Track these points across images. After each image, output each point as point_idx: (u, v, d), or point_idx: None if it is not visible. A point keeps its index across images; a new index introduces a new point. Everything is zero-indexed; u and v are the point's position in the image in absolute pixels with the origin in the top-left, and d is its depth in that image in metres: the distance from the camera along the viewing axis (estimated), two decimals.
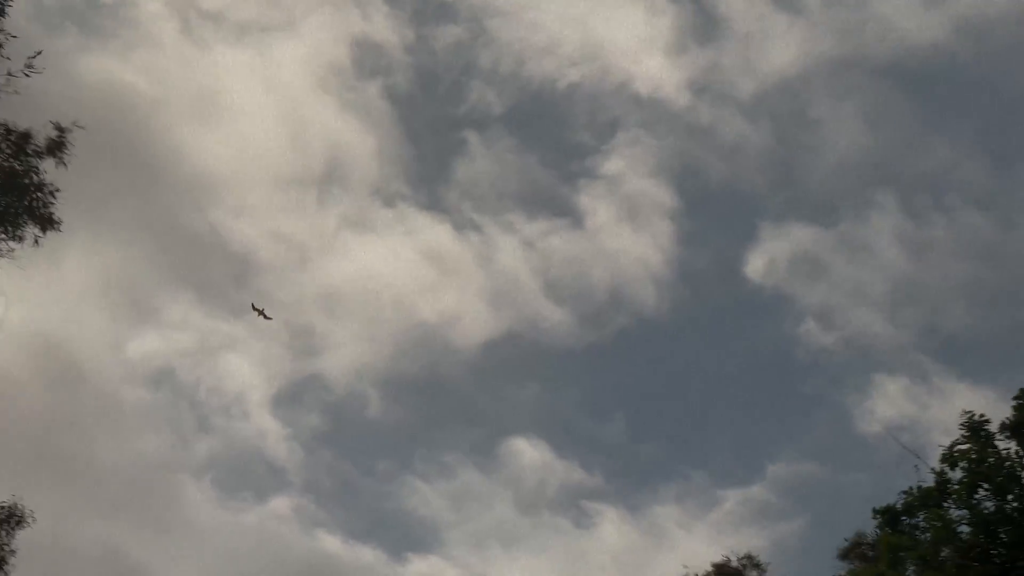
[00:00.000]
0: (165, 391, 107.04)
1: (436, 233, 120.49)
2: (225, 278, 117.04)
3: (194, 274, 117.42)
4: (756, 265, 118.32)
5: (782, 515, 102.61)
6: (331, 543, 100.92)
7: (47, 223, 31.40)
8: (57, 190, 31.36)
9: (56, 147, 31.49)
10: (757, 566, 46.71)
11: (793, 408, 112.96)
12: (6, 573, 29.36)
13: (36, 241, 31.29)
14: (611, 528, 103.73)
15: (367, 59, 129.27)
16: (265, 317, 50.68)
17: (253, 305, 51.73)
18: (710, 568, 46.12)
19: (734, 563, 45.87)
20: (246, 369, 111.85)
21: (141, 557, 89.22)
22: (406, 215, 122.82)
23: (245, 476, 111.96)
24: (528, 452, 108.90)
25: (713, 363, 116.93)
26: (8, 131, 31.02)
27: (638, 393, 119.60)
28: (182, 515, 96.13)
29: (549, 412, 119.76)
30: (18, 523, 29.65)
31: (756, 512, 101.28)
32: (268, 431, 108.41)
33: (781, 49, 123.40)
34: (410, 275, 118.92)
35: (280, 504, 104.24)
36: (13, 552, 29.56)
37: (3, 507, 29.78)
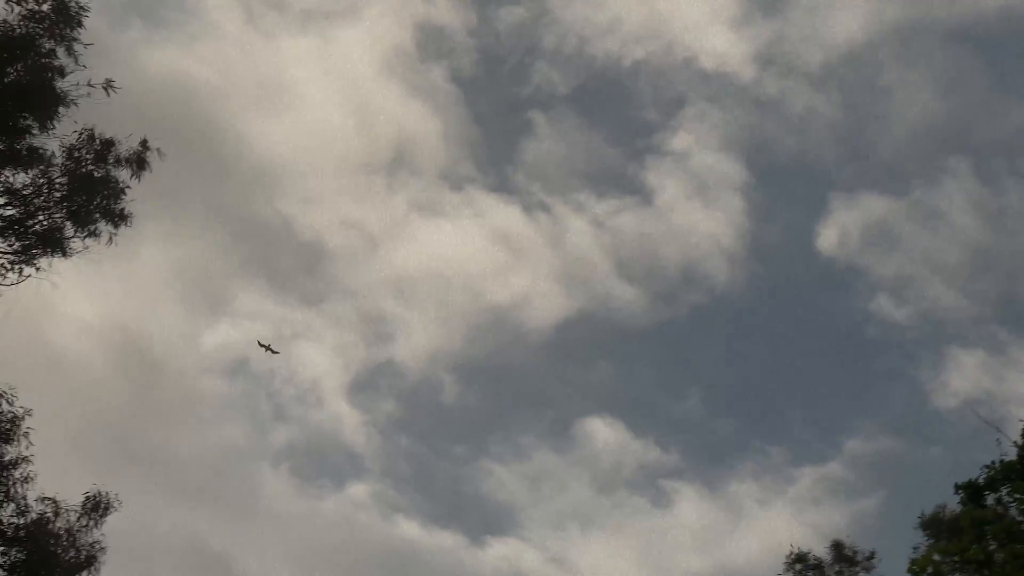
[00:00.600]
0: (241, 381, 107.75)
1: (505, 215, 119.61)
2: (296, 267, 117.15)
3: (265, 264, 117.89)
4: (828, 237, 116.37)
5: (860, 491, 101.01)
6: (410, 528, 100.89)
7: (119, 219, 31.85)
8: (128, 187, 31.89)
9: (138, 162, 31.98)
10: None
11: (868, 382, 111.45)
12: (97, 561, 29.79)
13: (111, 239, 31.79)
14: (689, 506, 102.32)
15: (431, 43, 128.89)
16: (272, 352, 50.94)
17: (259, 342, 51.76)
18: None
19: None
20: (320, 357, 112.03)
21: (223, 545, 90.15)
22: (474, 198, 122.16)
23: (322, 463, 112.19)
24: (603, 432, 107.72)
25: (786, 338, 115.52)
26: (92, 137, 31.54)
27: (712, 370, 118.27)
28: (261, 503, 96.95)
29: (623, 391, 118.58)
30: (104, 511, 30.08)
31: (834, 489, 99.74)
32: (344, 418, 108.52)
33: (848, 17, 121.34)
34: (480, 258, 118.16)
35: (358, 490, 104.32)
36: (103, 546, 29.99)
37: (89, 496, 30.21)
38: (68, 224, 31.32)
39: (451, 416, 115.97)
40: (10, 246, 31.08)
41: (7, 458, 29.46)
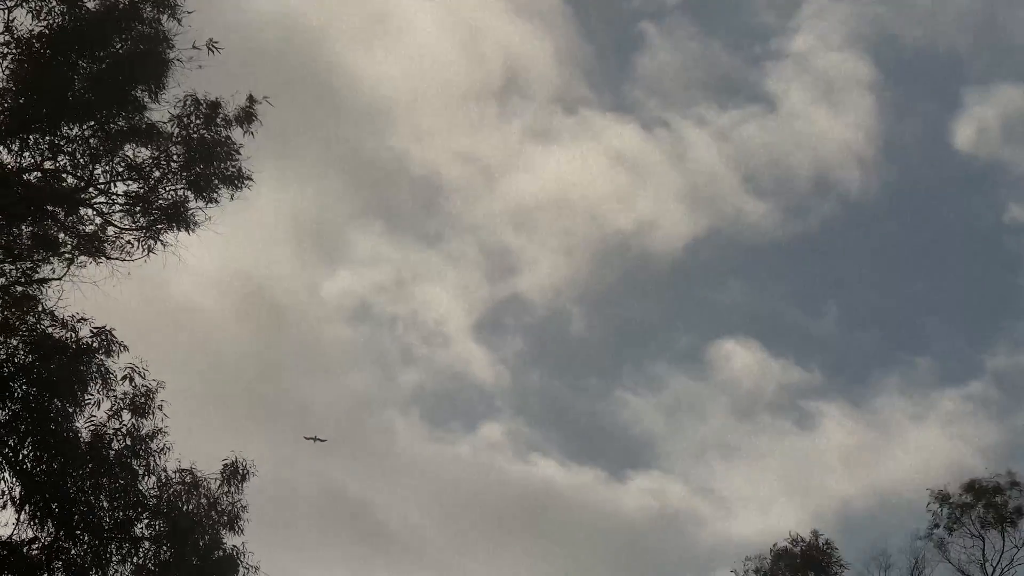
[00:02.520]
0: (365, 327, 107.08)
1: (623, 135, 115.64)
2: (412, 205, 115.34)
3: (381, 205, 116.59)
4: (965, 134, 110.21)
5: (1011, 408, 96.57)
6: (547, 467, 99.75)
7: (239, 181, 31.62)
8: (241, 145, 31.63)
9: (246, 118, 31.65)
10: None
11: (1014, 287, 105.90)
12: (240, 520, 29.90)
13: (232, 197, 31.64)
14: (834, 426, 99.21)
15: None
16: (319, 440, 50.20)
17: (305, 436, 51.01)
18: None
19: None
20: (443, 297, 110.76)
21: (362, 492, 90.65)
22: (590, 119, 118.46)
23: (453, 405, 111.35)
24: (739, 354, 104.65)
25: (925, 244, 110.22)
26: (198, 102, 31.20)
27: (849, 283, 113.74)
28: (395, 449, 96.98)
29: (758, 311, 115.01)
30: (243, 478, 30.15)
31: (985, 402, 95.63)
32: (472, 358, 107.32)
33: None
34: (600, 182, 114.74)
35: (491, 430, 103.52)
36: (245, 508, 30.11)
37: (227, 464, 30.29)
38: (190, 194, 31.28)
39: (581, 348, 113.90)
40: (135, 223, 31.22)
41: (144, 431, 29.65)
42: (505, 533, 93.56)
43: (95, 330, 29.70)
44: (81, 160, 30.75)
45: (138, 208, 31.12)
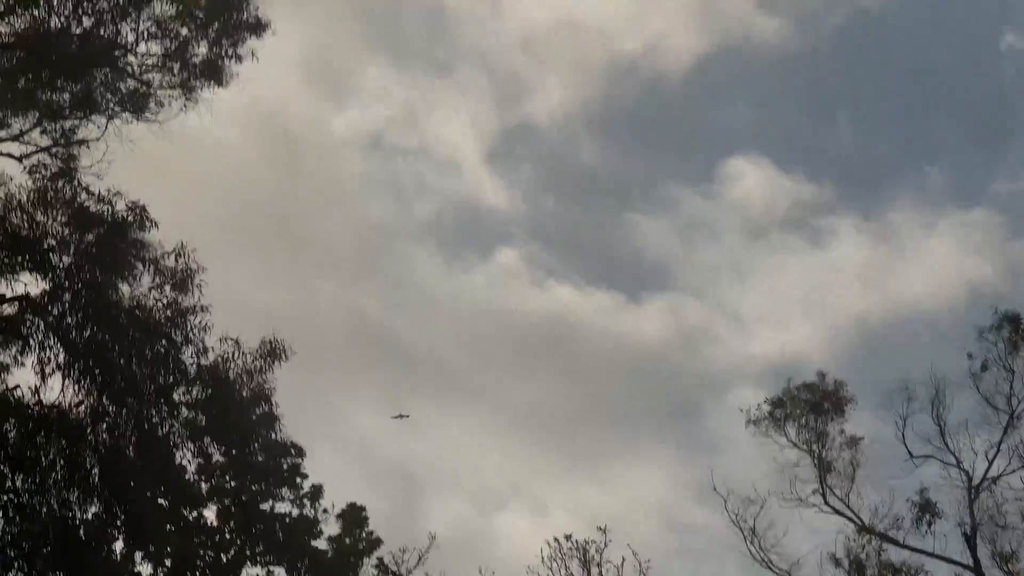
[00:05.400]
0: (378, 158, 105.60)
1: None
2: (419, 34, 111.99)
3: (389, 35, 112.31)
4: None
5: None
6: (564, 292, 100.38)
7: (260, 30, 32.92)
8: None
9: None
10: None
11: None
12: (272, 400, 32.05)
13: (253, 55, 33.09)
14: (848, 242, 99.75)
15: None
16: (403, 417, 51.25)
17: (392, 416, 51.72)
18: None
19: None
20: (455, 126, 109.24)
21: (384, 320, 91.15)
22: None
23: (468, 233, 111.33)
24: (750, 172, 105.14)
25: (939, 56, 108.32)
26: None
27: (860, 94, 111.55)
28: (413, 278, 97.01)
29: (767, 127, 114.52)
30: (280, 358, 32.16)
31: (1004, 212, 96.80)
32: (485, 185, 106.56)
33: None
34: (609, 2, 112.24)
35: (506, 257, 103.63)
36: (274, 390, 32.22)
37: (264, 340, 32.22)
38: (220, 49, 32.50)
39: (594, 172, 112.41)
40: (170, 81, 32.25)
41: (184, 305, 31.39)
42: (524, 359, 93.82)
43: (130, 204, 31.09)
44: (108, 18, 31.48)
45: (174, 65, 32.09)
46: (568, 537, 41.22)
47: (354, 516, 43.68)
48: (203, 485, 40.30)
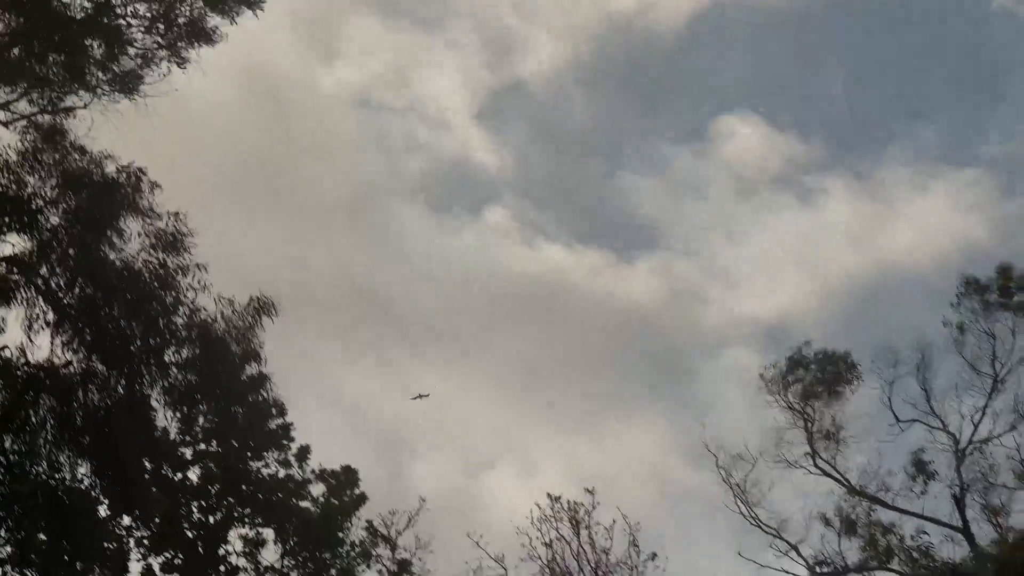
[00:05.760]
0: (368, 115, 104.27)
1: None
2: None
3: None
4: None
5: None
6: (554, 251, 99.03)
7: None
8: None
9: None
10: None
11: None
12: (261, 359, 31.98)
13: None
14: (839, 200, 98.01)
15: None
16: (423, 396, 50.61)
17: (411, 397, 51.07)
18: None
19: None
20: (444, 83, 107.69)
21: (374, 280, 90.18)
22: None
23: (458, 191, 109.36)
24: (741, 129, 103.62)
25: (932, 15, 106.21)
26: None
27: (853, 53, 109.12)
28: (403, 237, 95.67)
29: (759, 84, 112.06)
30: (267, 313, 32.04)
31: (995, 171, 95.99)
32: (475, 143, 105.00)
33: None
34: None
35: (496, 215, 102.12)
36: (262, 345, 32.13)
37: (253, 298, 32.08)
38: (207, 10, 32.24)
39: (585, 130, 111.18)
40: (156, 42, 31.97)
41: (174, 266, 31.22)
42: (514, 318, 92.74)
43: (121, 167, 30.86)
44: None
45: (160, 26, 31.83)
46: (557, 499, 41.13)
47: (343, 478, 43.61)
48: (189, 447, 40.14)
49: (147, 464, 36.72)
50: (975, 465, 46.83)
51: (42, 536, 33.30)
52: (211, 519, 40.64)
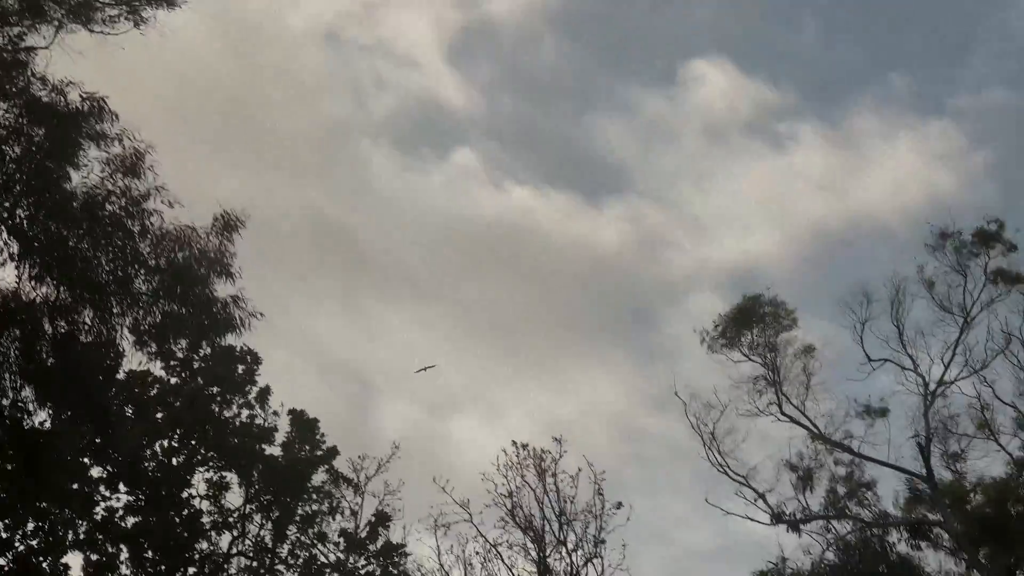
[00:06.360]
0: (336, 53, 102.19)
1: None
2: None
3: None
4: None
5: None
6: (522, 194, 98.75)
7: None
8: None
9: None
10: None
11: None
12: (234, 276, 31.42)
13: None
14: (809, 148, 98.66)
15: None
16: (428, 368, 49.71)
17: (416, 371, 50.18)
18: None
19: None
20: (413, 21, 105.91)
21: (342, 218, 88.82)
22: None
23: (426, 132, 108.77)
24: (712, 74, 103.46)
25: None
26: None
27: None
28: (370, 177, 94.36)
29: (730, 29, 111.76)
30: (234, 228, 31.55)
31: (968, 120, 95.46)
32: (444, 83, 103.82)
33: None
34: None
35: (464, 157, 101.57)
36: (234, 255, 31.58)
37: (217, 217, 31.52)
38: None
39: (555, 73, 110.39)
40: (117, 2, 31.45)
41: (137, 192, 30.73)
42: (481, 261, 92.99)
43: (84, 95, 30.30)
44: None
45: None
46: (524, 446, 41.08)
47: (308, 424, 43.39)
48: (156, 385, 39.81)
49: (113, 401, 36.44)
50: (941, 412, 47.31)
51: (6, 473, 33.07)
52: (175, 461, 40.33)
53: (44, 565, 36.76)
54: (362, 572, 43.23)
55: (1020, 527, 44.41)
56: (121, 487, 39.22)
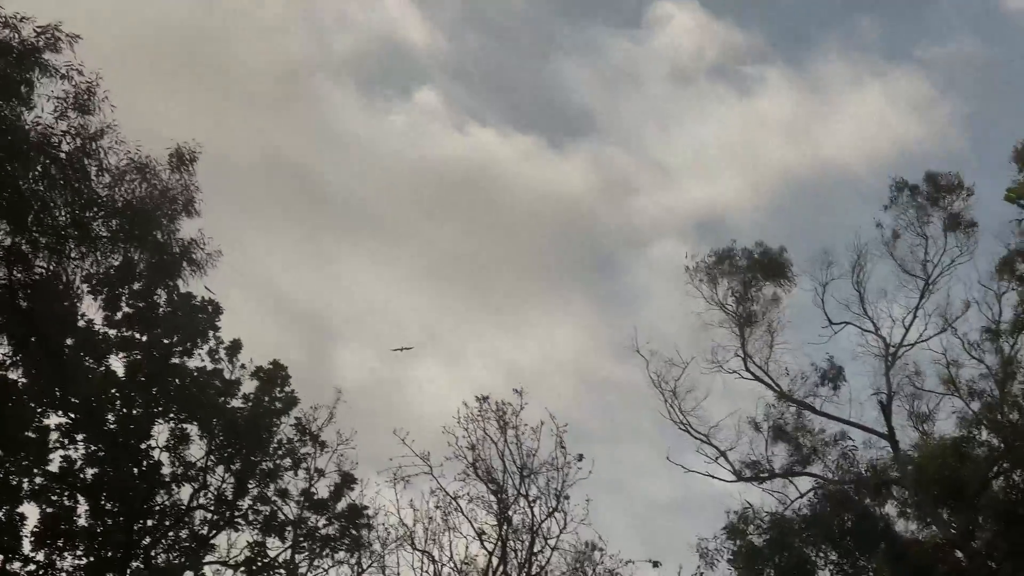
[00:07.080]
0: None
1: None
2: None
3: None
4: None
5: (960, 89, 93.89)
6: (485, 136, 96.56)
7: None
8: None
9: None
10: None
11: None
12: (196, 211, 30.91)
13: None
14: (776, 92, 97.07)
15: None
16: (406, 349, 48.93)
17: (392, 349, 49.24)
18: None
19: None
20: None
21: (300, 159, 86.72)
22: None
23: (389, 71, 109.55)
24: (679, 16, 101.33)
25: None
26: None
27: None
28: (330, 117, 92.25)
29: None
30: (191, 161, 31.01)
31: (933, 66, 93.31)
32: (408, 21, 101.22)
33: None
34: None
35: (427, 97, 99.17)
36: (198, 188, 31.10)
37: (172, 153, 30.95)
38: None
39: (519, 13, 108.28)
40: None
41: (92, 130, 30.11)
42: (443, 205, 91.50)
43: (39, 29, 29.64)
44: None
45: None
46: (485, 399, 40.66)
47: (273, 374, 42.73)
48: (111, 334, 39.08)
49: (69, 350, 35.87)
50: (903, 370, 47.28)
51: None
52: (134, 411, 39.74)
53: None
54: (322, 531, 42.78)
55: (975, 486, 44.48)
56: (79, 437, 38.57)
